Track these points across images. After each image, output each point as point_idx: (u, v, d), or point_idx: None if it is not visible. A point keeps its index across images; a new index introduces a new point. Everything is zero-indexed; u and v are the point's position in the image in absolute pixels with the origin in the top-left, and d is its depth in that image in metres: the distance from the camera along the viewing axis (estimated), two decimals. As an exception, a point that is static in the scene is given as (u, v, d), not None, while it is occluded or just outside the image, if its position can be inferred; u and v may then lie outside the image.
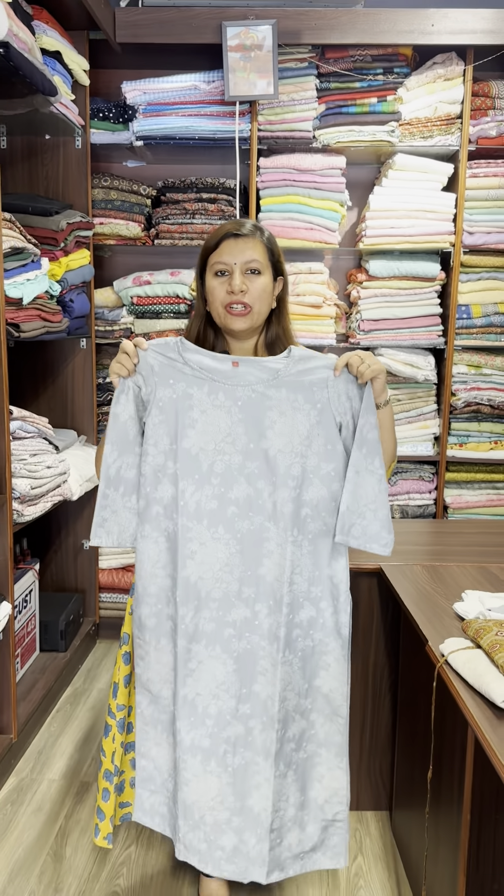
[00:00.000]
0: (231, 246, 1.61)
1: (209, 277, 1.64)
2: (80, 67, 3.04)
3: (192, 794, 1.60)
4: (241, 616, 1.57)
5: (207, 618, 1.56)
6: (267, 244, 1.65)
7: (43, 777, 2.54)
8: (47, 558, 3.42)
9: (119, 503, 1.56)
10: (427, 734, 1.83)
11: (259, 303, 1.62)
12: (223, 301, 1.61)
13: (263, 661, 1.57)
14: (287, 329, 1.72)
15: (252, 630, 1.57)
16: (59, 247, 2.85)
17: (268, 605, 1.56)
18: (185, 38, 3.12)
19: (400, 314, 3.36)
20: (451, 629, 1.71)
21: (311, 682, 1.63)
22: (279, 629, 1.57)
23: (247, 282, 1.60)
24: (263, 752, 1.58)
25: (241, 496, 1.54)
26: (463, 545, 2.42)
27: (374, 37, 3.10)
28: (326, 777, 1.65)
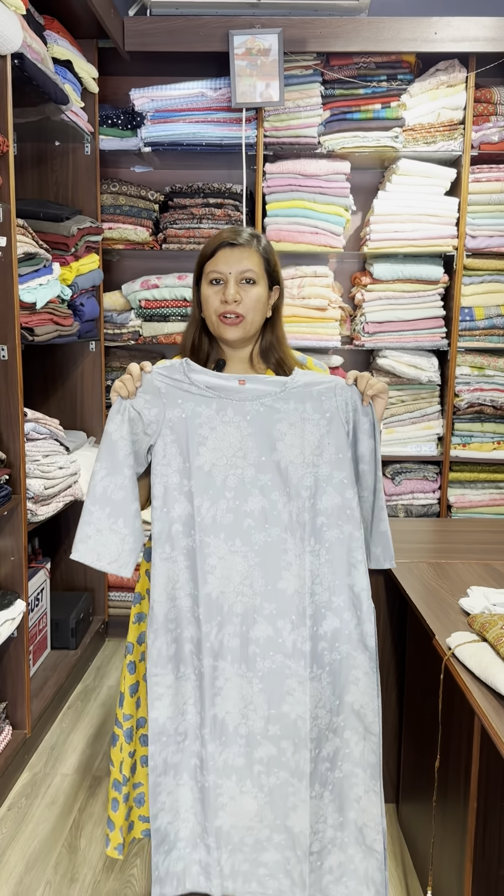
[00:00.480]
0: (227, 255, 1.60)
1: (204, 285, 1.63)
2: (89, 75, 3.09)
3: (229, 818, 1.55)
4: (263, 634, 1.54)
5: (231, 633, 1.54)
6: (263, 254, 1.64)
7: (56, 771, 2.59)
8: (58, 557, 3.47)
9: (105, 523, 1.51)
10: (434, 726, 1.88)
11: (252, 313, 1.61)
12: (217, 310, 1.60)
13: (290, 680, 1.55)
14: (281, 338, 1.70)
15: (276, 649, 1.54)
16: (70, 252, 2.91)
17: (290, 620, 1.54)
18: (193, 47, 3.17)
19: (404, 316, 3.41)
20: (457, 624, 1.77)
21: (342, 699, 1.58)
22: (304, 644, 1.55)
23: (241, 291, 1.59)
24: (297, 773, 1.55)
25: (256, 508, 1.54)
26: (467, 543, 2.47)
27: (377, 44, 3.15)
28: (363, 799, 1.58)
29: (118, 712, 1.75)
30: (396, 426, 3.50)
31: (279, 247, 3.34)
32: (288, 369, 1.65)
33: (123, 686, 1.74)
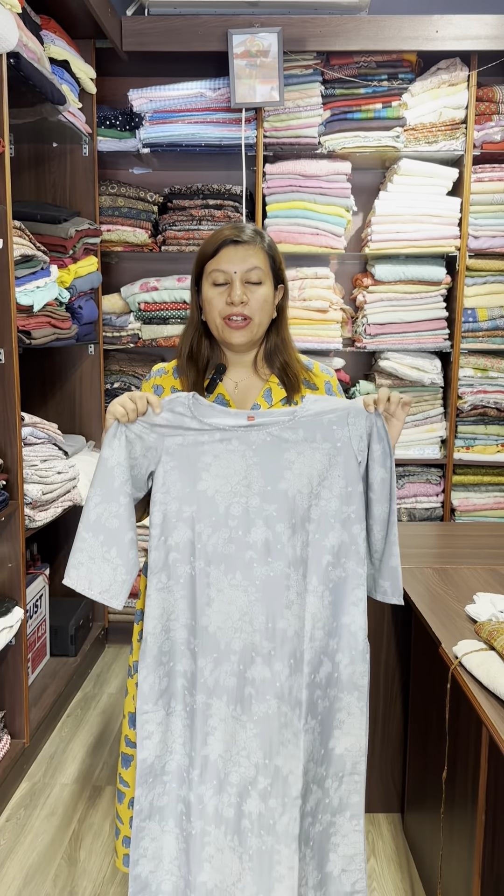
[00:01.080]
0: (230, 253, 1.50)
1: (206, 287, 1.53)
2: (87, 76, 3.06)
3: (214, 874, 1.46)
4: (260, 675, 1.46)
5: (228, 671, 1.46)
6: (268, 251, 1.54)
7: (55, 781, 2.55)
8: (56, 563, 3.43)
9: (97, 551, 1.44)
10: (441, 735, 1.84)
11: (260, 314, 1.52)
12: (222, 312, 1.51)
13: (286, 730, 1.46)
14: (287, 340, 1.61)
15: (273, 693, 1.46)
16: (68, 254, 2.88)
17: (288, 664, 1.46)
18: (192, 46, 3.14)
19: (406, 318, 3.37)
20: (463, 631, 1.73)
21: (326, 746, 1.51)
22: (300, 692, 1.46)
23: (247, 292, 1.50)
24: (285, 837, 1.45)
25: (259, 540, 1.45)
26: (472, 547, 2.43)
27: (378, 43, 3.12)
28: (342, 845, 1.53)
29: (129, 733, 1.67)
30: (399, 429, 3.45)
31: (280, 248, 3.29)
32: (293, 374, 1.57)
33: (130, 706, 1.67)
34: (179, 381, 1.58)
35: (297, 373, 1.58)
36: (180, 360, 1.60)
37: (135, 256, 3.54)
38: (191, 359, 1.58)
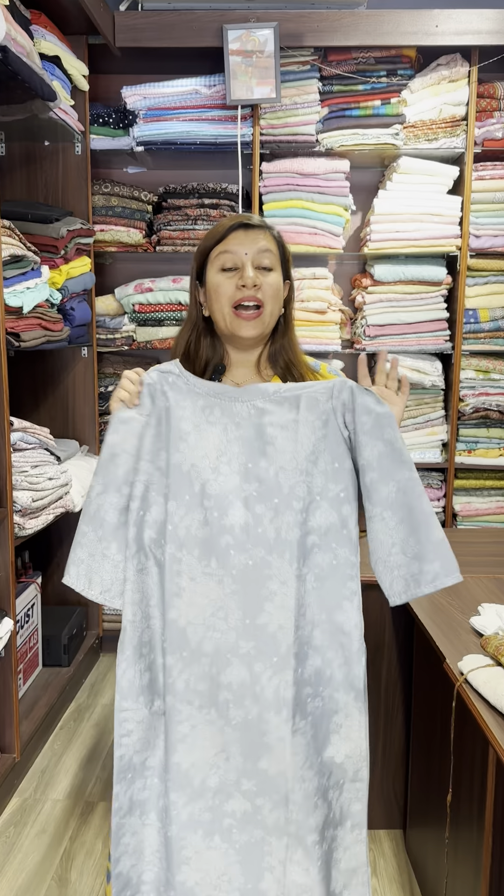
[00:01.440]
0: (240, 236, 1.40)
1: (213, 273, 1.41)
2: (79, 72, 3.00)
3: (193, 873, 1.33)
4: (237, 678, 1.31)
5: (199, 675, 1.32)
6: (277, 238, 1.46)
7: (47, 797, 2.48)
8: (49, 571, 3.36)
9: (96, 547, 1.34)
10: (444, 753, 1.76)
11: (272, 303, 1.41)
12: (232, 298, 1.39)
13: (269, 736, 1.32)
14: (293, 340, 1.50)
15: (253, 698, 1.31)
16: (60, 254, 2.81)
17: (271, 662, 1.31)
18: (186, 42, 3.08)
19: (406, 319, 3.30)
20: (468, 645, 1.65)
21: (322, 754, 1.36)
22: (286, 690, 1.31)
23: (259, 277, 1.39)
24: (276, 830, 1.33)
25: (237, 523, 1.32)
26: (476, 555, 2.36)
27: (377, 38, 3.05)
28: (343, 860, 1.38)
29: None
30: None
31: (277, 248, 3.23)
32: (298, 375, 1.46)
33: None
34: None
35: (304, 374, 1.47)
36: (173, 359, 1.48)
37: (129, 257, 3.47)
38: (187, 359, 1.47)
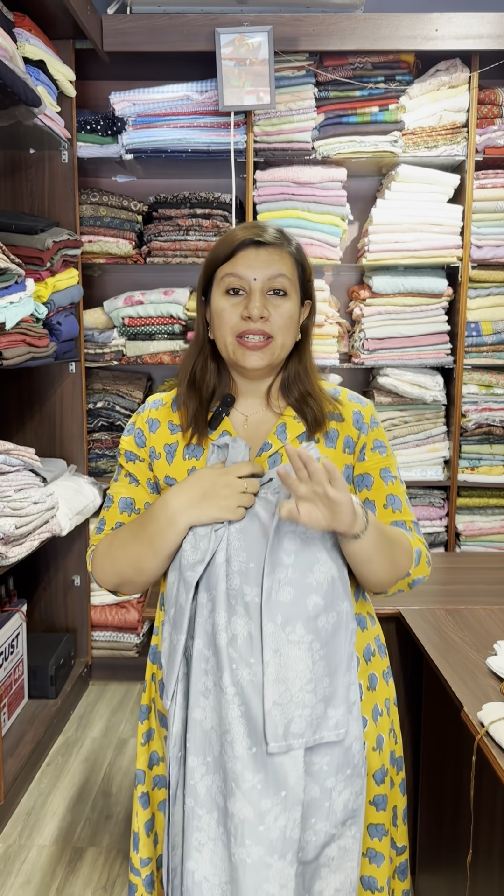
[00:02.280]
0: (251, 257, 1.21)
1: (217, 295, 1.24)
2: (65, 78, 2.88)
3: None
4: (241, 813, 1.13)
5: (220, 786, 1.17)
6: (297, 257, 1.25)
7: (32, 843, 2.33)
8: (35, 597, 3.21)
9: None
10: (459, 804, 1.63)
11: (283, 334, 1.22)
12: (235, 328, 1.22)
13: (269, 884, 1.13)
14: (309, 368, 1.30)
15: (256, 838, 1.13)
16: (45, 267, 2.68)
17: (280, 799, 1.14)
18: (177, 46, 2.96)
19: (406, 332, 3.19)
20: (486, 689, 1.53)
21: (312, 890, 1.19)
22: (293, 829, 1.15)
23: (269, 305, 1.21)
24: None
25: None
26: (486, 583, 2.24)
27: (374, 43, 2.95)
28: None
29: (133, 857, 1.37)
30: (400, 449, 3.27)
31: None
32: (316, 407, 1.26)
33: (136, 824, 1.36)
34: (178, 414, 1.30)
35: (322, 405, 1.27)
36: (181, 387, 1.31)
37: (118, 268, 3.35)
38: (192, 386, 1.29)
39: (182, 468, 1.26)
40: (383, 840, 1.29)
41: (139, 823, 1.36)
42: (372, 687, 1.29)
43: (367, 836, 1.28)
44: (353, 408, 1.30)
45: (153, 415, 1.32)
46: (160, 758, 1.33)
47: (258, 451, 1.26)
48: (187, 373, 1.30)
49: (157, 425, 1.31)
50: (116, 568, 1.28)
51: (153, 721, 1.34)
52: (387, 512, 1.29)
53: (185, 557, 1.20)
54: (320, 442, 1.26)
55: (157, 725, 1.32)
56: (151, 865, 1.36)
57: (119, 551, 1.26)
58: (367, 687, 1.28)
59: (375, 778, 1.28)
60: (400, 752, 1.35)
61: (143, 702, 1.36)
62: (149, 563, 1.24)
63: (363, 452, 1.29)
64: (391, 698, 1.34)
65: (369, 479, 1.29)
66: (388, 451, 1.32)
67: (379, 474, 1.29)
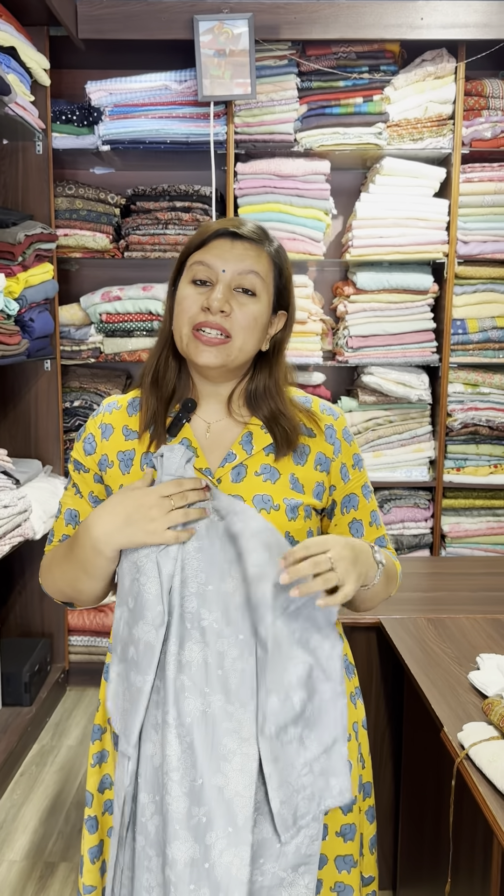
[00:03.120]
0: (224, 248, 1.12)
1: (183, 283, 1.14)
2: (39, 66, 2.78)
3: None
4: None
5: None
6: (275, 258, 1.16)
7: (3, 858, 2.25)
8: (10, 601, 3.13)
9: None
10: (438, 823, 1.57)
11: (244, 335, 1.12)
12: (192, 319, 1.12)
13: None
14: (280, 384, 1.19)
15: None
16: (17, 261, 2.59)
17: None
18: (154, 34, 2.87)
19: (390, 329, 3.11)
20: (468, 707, 1.46)
21: None
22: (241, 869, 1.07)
23: (233, 301, 1.11)
24: None
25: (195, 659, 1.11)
26: (470, 590, 2.17)
27: (358, 31, 2.87)
28: None
29: (78, 881, 1.31)
30: (384, 449, 3.20)
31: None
32: (289, 426, 1.16)
33: (83, 848, 1.29)
34: (134, 418, 1.20)
35: (295, 424, 1.17)
36: (143, 385, 1.21)
37: (95, 263, 3.26)
38: (155, 384, 1.19)
39: (137, 478, 1.17)
40: (352, 872, 1.22)
41: (84, 848, 1.28)
42: None
43: (335, 870, 1.20)
44: (326, 421, 1.21)
45: (107, 419, 1.22)
46: (112, 782, 1.25)
47: (221, 461, 1.17)
48: (151, 369, 1.20)
49: (111, 431, 1.21)
50: (57, 586, 1.22)
51: (107, 742, 1.26)
52: (371, 529, 1.26)
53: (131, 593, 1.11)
54: (289, 456, 1.17)
55: (112, 748, 1.24)
56: (95, 893, 1.28)
57: (56, 570, 1.20)
58: None
59: (342, 808, 1.20)
60: (368, 777, 1.28)
61: (97, 721, 1.29)
62: (85, 586, 1.17)
63: (345, 472, 1.21)
64: (359, 721, 1.27)
65: (355, 498, 1.24)
66: (363, 463, 1.27)
67: (361, 492, 1.25)
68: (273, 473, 1.16)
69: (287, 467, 1.17)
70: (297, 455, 1.18)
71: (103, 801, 1.27)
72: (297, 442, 1.17)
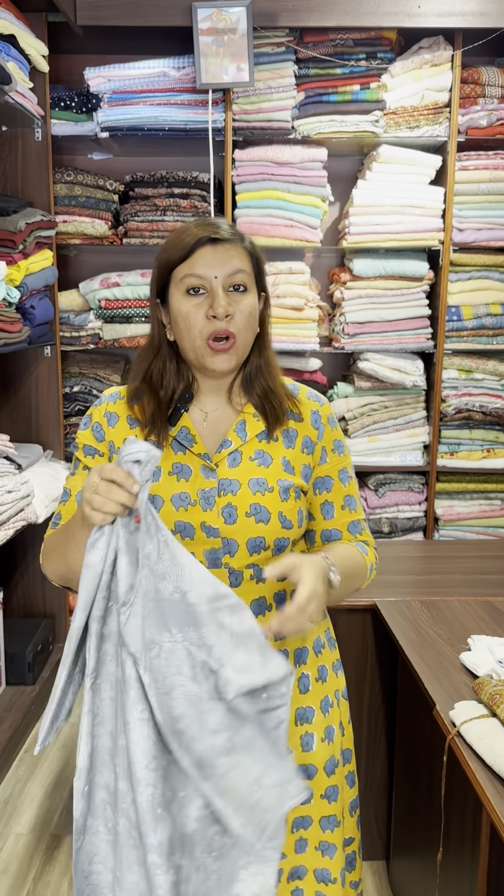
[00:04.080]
0: (208, 255, 1.18)
1: (177, 297, 1.20)
2: (38, 52, 2.79)
3: None
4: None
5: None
6: (251, 250, 1.24)
7: (10, 831, 2.33)
8: (12, 583, 3.19)
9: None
10: (431, 797, 1.64)
11: (246, 331, 1.21)
12: (203, 331, 1.18)
13: None
14: (270, 361, 1.29)
15: None
16: (18, 249, 2.62)
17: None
18: (153, 21, 2.88)
19: (386, 316, 3.16)
20: (459, 686, 1.53)
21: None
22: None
23: (231, 303, 1.19)
24: None
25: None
26: (462, 573, 2.24)
27: (355, 19, 2.88)
28: None
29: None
30: (380, 434, 3.25)
31: (251, 241, 3.07)
32: (277, 403, 1.25)
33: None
34: (136, 408, 1.27)
35: (283, 401, 1.27)
36: (131, 385, 1.28)
37: (94, 249, 3.29)
38: (149, 383, 1.26)
39: None
40: (335, 831, 1.31)
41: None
42: (321, 678, 1.31)
43: (320, 830, 1.29)
44: (312, 407, 1.30)
45: (111, 408, 1.29)
46: None
47: (217, 447, 1.24)
48: (141, 374, 1.27)
49: (116, 419, 1.28)
50: (53, 566, 1.24)
51: None
52: (344, 512, 1.31)
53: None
54: (279, 441, 1.25)
55: None
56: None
57: (54, 552, 1.24)
58: (315, 678, 1.29)
59: (326, 770, 1.29)
60: (348, 744, 1.37)
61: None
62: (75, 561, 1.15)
63: (324, 455, 1.29)
64: (340, 690, 1.36)
65: (329, 481, 1.30)
66: (345, 449, 1.33)
67: (338, 475, 1.30)
68: (266, 458, 1.24)
69: (278, 451, 1.25)
70: (286, 439, 1.26)
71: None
72: (286, 419, 1.26)
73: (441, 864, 1.51)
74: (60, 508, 1.30)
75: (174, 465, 1.23)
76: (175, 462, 1.23)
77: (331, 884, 1.30)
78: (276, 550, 1.22)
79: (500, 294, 3.15)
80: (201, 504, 1.20)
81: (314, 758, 1.28)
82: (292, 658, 1.28)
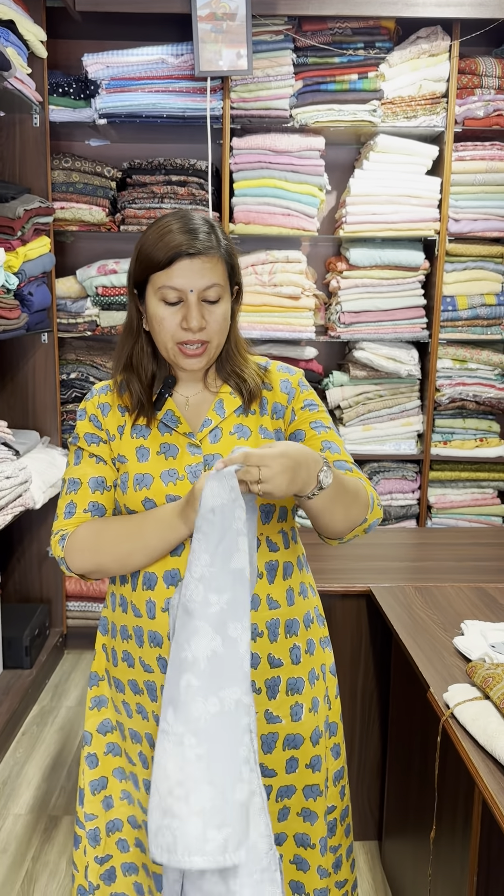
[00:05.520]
0: (185, 268, 1.24)
1: (154, 301, 1.27)
2: (36, 38, 2.78)
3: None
4: None
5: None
6: (226, 258, 1.29)
7: (8, 812, 2.37)
8: (10, 568, 3.22)
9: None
10: (424, 777, 1.68)
11: (218, 336, 1.30)
12: (175, 337, 1.27)
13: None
14: (238, 344, 1.37)
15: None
16: (16, 236, 2.62)
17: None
18: (152, 7, 2.87)
19: (382, 306, 3.18)
20: (452, 670, 1.57)
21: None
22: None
23: (205, 313, 1.26)
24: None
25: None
26: (455, 559, 2.28)
27: (354, 8, 2.88)
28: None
29: (78, 811, 1.44)
30: (374, 423, 3.28)
31: (248, 230, 3.08)
32: (250, 380, 1.34)
33: (82, 781, 1.43)
34: (124, 397, 1.35)
35: (255, 378, 1.35)
36: (118, 377, 1.36)
37: (91, 236, 3.29)
38: (136, 371, 1.35)
39: (130, 445, 1.33)
40: (318, 800, 1.38)
41: (85, 781, 1.42)
42: (309, 651, 1.37)
43: (303, 797, 1.37)
44: (281, 377, 1.38)
45: (103, 399, 1.38)
46: (113, 726, 1.41)
47: (200, 426, 1.34)
48: (123, 359, 1.35)
49: (109, 409, 1.37)
50: (98, 559, 1.30)
51: (105, 689, 1.42)
52: (325, 454, 1.32)
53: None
54: (256, 413, 1.34)
55: (113, 692, 1.39)
56: (97, 822, 1.42)
57: (107, 545, 1.29)
58: (304, 650, 1.36)
59: (312, 739, 1.36)
60: (334, 717, 1.43)
61: (94, 669, 1.45)
62: (137, 561, 1.29)
63: (293, 415, 1.36)
64: (328, 665, 1.42)
65: (300, 433, 1.35)
66: (320, 408, 1.39)
67: (309, 426, 1.35)
68: (245, 430, 1.33)
69: (255, 422, 1.34)
70: (261, 409, 1.35)
71: (105, 742, 1.42)
72: (260, 392, 1.35)
73: (434, 842, 1.55)
74: (73, 497, 1.34)
75: (161, 445, 1.33)
76: (163, 442, 1.33)
77: (310, 848, 1.38)
78: (264, 517, 1.31)
79: (494, 284, 3.18)
80: (189, 478, 1.30)
81: (301, 727, 1.36)
82: (283, 628, 1.33)
